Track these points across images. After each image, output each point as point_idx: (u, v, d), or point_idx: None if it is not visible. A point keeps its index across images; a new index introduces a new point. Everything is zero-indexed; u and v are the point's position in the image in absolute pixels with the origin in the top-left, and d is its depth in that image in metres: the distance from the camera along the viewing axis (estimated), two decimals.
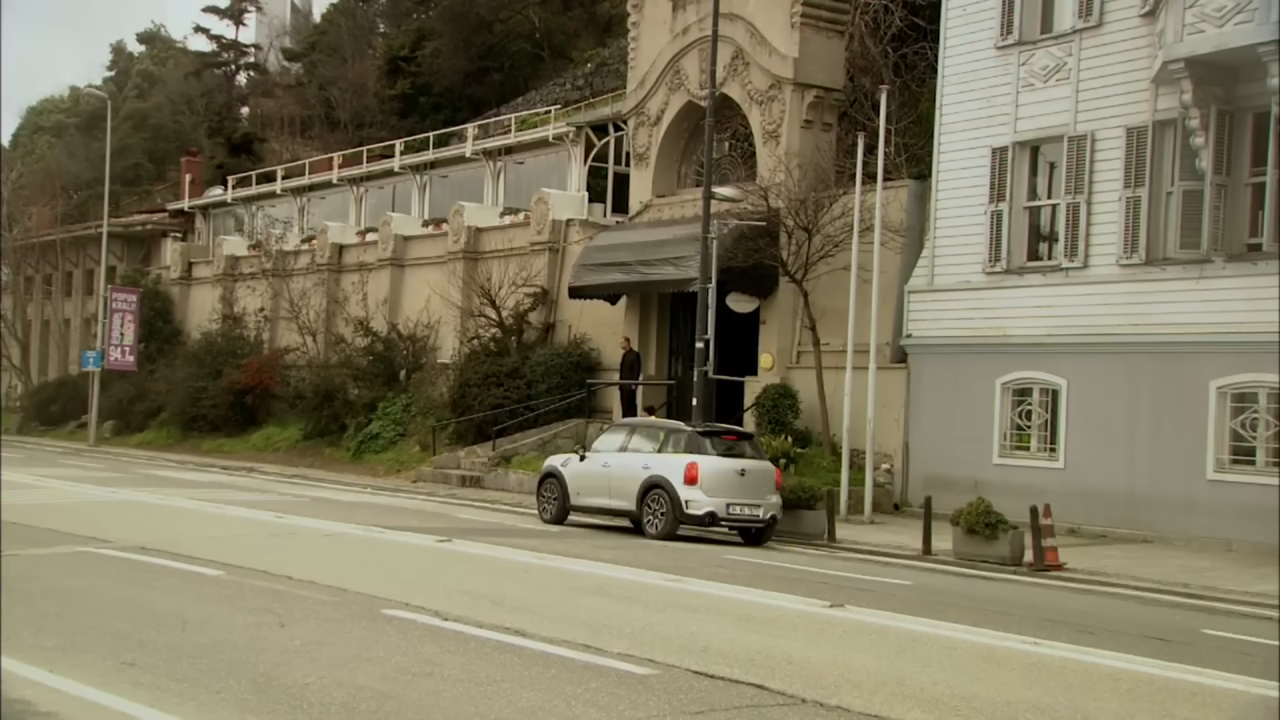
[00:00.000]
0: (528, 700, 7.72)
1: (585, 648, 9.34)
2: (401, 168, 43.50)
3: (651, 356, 30.59)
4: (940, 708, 8.14)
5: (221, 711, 7.22)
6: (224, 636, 9.36)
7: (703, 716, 7.60)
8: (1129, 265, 21.68)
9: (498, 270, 33.99)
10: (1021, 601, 14.47)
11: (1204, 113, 20.05)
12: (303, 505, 22.21)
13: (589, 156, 36.75)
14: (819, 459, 25.21)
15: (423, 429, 33.06)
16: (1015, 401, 23.42)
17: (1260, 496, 19.48)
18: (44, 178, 62.34)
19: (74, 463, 33.27)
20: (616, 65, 44.07)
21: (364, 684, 7.93)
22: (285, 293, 40.85)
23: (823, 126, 28.13)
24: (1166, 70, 20.34)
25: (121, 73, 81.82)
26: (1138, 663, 10.25)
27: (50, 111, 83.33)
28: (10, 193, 57.89)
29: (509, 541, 17.22)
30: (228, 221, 51.72)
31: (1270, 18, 18.88)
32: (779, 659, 9.39)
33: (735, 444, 20.50)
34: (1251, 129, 20.31)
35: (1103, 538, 21.16)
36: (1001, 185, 23.59)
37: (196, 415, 40.58)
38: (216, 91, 70.88)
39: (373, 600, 11.22)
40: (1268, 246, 19.96)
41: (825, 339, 25.46)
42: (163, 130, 70.31)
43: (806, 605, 12.43)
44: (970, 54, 24.27)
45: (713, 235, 24.33)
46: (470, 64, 55.19)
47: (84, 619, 9.87)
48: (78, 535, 15.53)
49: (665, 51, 30.43)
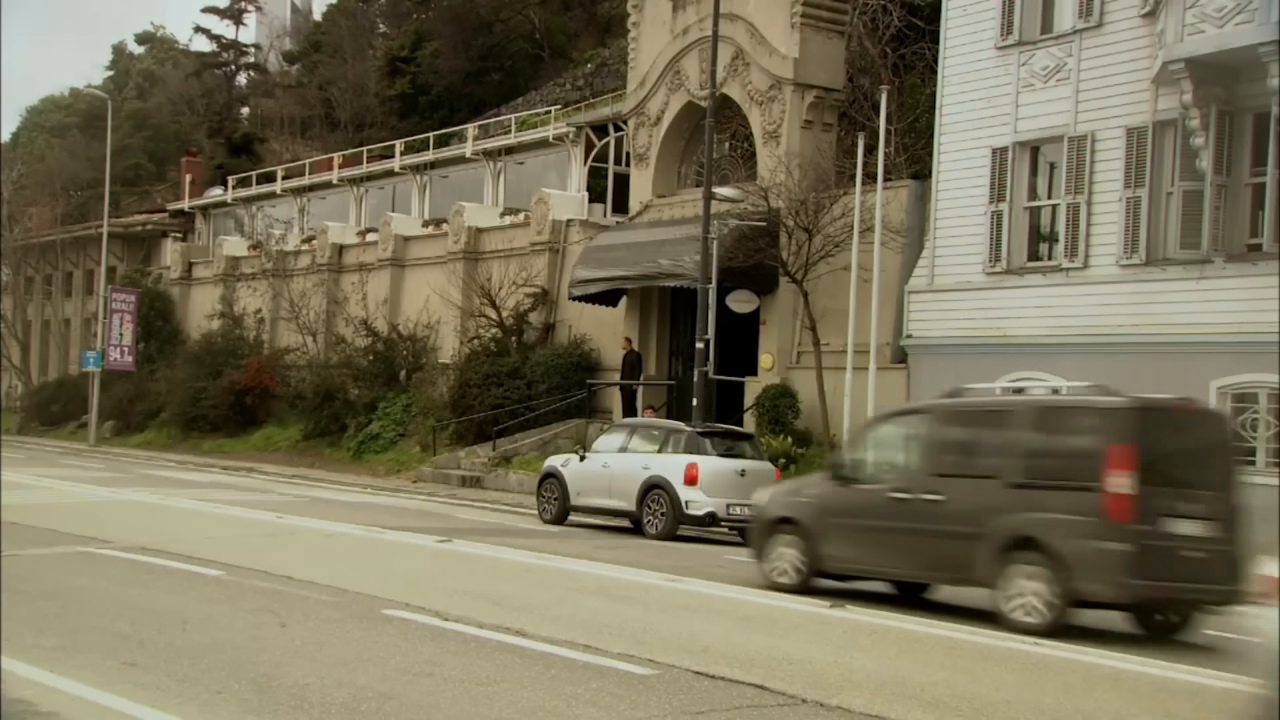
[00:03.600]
0: (528, 700, 7.72)
1: (586, 648, 9.34)
2: (401, 168, 43.50)
3: (652, 357, 30.59)
4: (941, 708, 8.14)
5: (222, 711, 7.22)
6: (224, 636, 9.36)
7: (703, 717, 7.60)
8: (1129, 265, 21.67)
9: (498, 270, 33.98)
10: None
11: (1204, 113, 20.04)
12: (303, 505, 22.20)
13: (589, 157, 36.74)
14: (819, 459, 25.19)
15: (423, 429, 33.06)
16: None
17: (1260, 496, 19.42)
18: (44, 177, 62.32)
19: (74, 463, 33.26)
20: (616, 65, 44.06)
21: (364, 684, 7.92)
22: (285, 293, 40.85)
23: (823, 127, 28.14)
24: (1167, 70, 20.34)
25: (121, 73, 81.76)
26: (1138, 663, 10.25)
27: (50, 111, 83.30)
28: (10, 193, 57.87)
29: (509, 541, 17.22)
30: (228, 222, 51.70)
31: (1270, 18, 18.88)
32: (779, 659, 9.39)
33: (735, 444, 20.52)
34: (1252, 129, 20.31)
35: None
36: (1002, 185, 23.58)
37: (196, 415, 40.58)
38: (216, 92, 70.86)
39: (373, 600, 11.21)
40: (1268, 247, 19.95)
41: (825, 339, 25.45)
42: (163, 130, 70.30)
43: (807, 605, 12.42)
44: (970, 54, 24.26)
45: (713, 235, 24.34)
46: (470, 64, 55.19)
47: (84, 619, 9.86)
48: (78, 535, 15.52)
49: (665, 52, 30.43)
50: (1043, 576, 11.61)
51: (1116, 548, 11.37)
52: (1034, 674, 9.54)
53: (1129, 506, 11.37)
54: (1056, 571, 11.55)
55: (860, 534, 13.30)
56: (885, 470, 13.66)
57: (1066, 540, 11.57)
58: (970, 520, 12.19)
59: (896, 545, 12.94)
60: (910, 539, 12.74)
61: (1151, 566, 11.46)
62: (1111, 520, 11.38)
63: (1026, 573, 11.71)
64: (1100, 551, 11.43)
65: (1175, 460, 12.12)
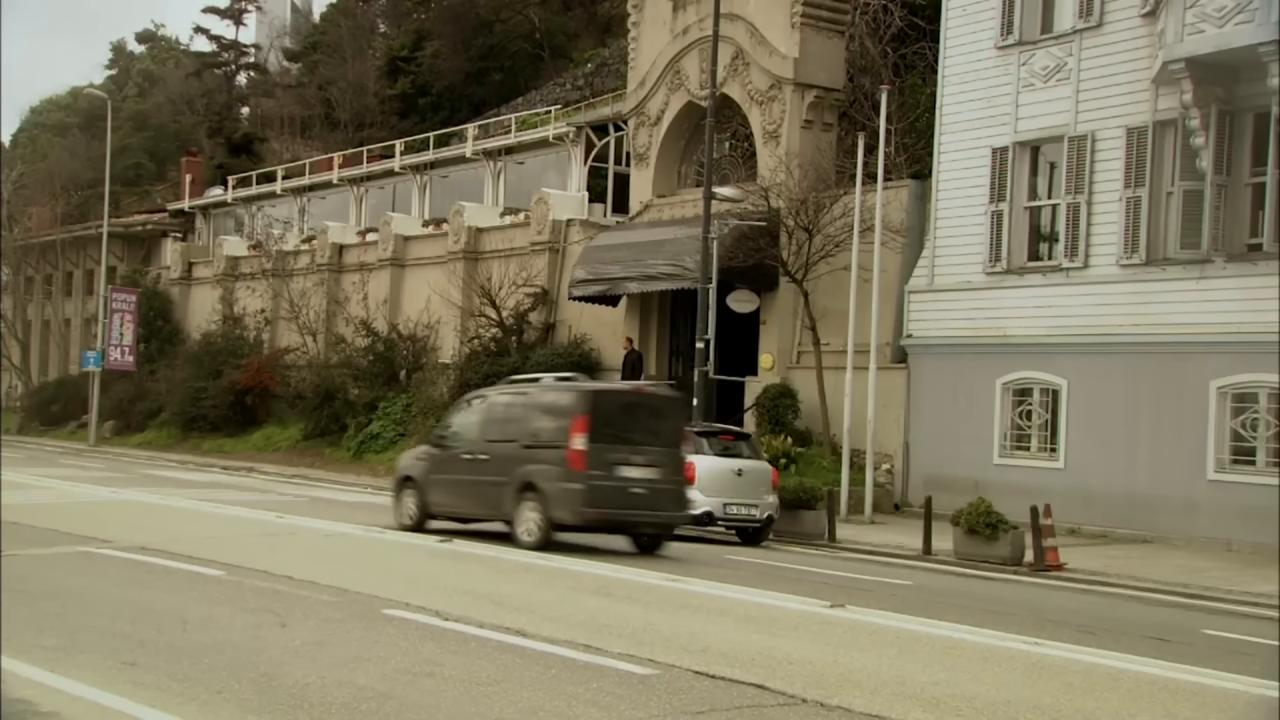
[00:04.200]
0: (529, 700, 7.72)
1: (586, 648, 9.34)
2: (401, 168, 43.50)
3: (652, 356, 30.59)
4: (941, 708, 8.14)
5: (222, 711, 7.22)
6: (225, 636, 9.36)
7: (704, 716, 7.60)
8: (1129, 265, 21.68)
9: (498, 270, 33.99)
10: (1022, 601, 14.47)
11: (1204, 113, 20.05)
12: (303, 505, 22.19)
13: (589, 156, 36.74)
14: (819, 459, 25.21)
15: (423, 429, 33.00)
16: (1016, 402, 23.42)
17: (1260, 496, 19.48)
18: (44, 177, 62.34)
19: (74, 463, 33.25)
20: (616, 65, 44.06)
21: (365, 684, 7.92)
22: (285, 293, 40.85)
23: (823, 126, 28.14)
24: (1167, 70, 20.35)
25: (122, 72, 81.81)
26: (1138, 663, 10.25)
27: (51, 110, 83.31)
28: (10, 193, 57.86)
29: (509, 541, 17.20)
30: (228, 222, 51.72)
31: (1270, 18, 18.89)
32: (780, 659, 9.39)
33: (732, 444, 20.50)
34: (1252, 129, 20.32)
35: (1103, 538, 21.17)
36: (1002, 185, 23.59)
37: (196, 415, 40.57)
38: (216, 91, 70.88)
39: (373, 600, 11.21)
40: (1268, 246, 19.96)
41: (825, 339, 25.46)
42: (163, 130, 70.28)
43: (807, 605, 12.42)
44: (970, 54, 24.28)
45: (713, 235, 24.34)
46: (470, 64, 55.19)
47: (85, 619, 9.86)
48: (78, 535, 15.52)
49: (665, 52, 30.43)
50: (537, 509, 15.97)
51: (576, 487, 15.76)
52: (1034, 674, 9.54)
53: (582, 458, 15.80)
54: (543, 505, 15.94)
55: (446, 485, 17.62)
56: (460, 438, 17.90)
57: (549, 483, 15.96)
58: (502, 472, 16.50)
59: (465, 492, 17.28)
60: (472, 488, 17.12)
61: (602, 499, 15.79)
62: (572, 469, 15.78)
63: (529, 507, 16.07)
64: (566, 490, 15.79)
65: (629, 427, 16.53)
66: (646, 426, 16.74)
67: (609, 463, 15.93)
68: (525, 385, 18.04)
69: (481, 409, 17.96)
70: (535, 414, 16.70)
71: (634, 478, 16.16)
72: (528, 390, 17.59)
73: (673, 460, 16.76)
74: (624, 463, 16.11)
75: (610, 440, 16.00)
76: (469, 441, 17.52)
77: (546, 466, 15.94)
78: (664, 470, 16.46)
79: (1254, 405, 20.13)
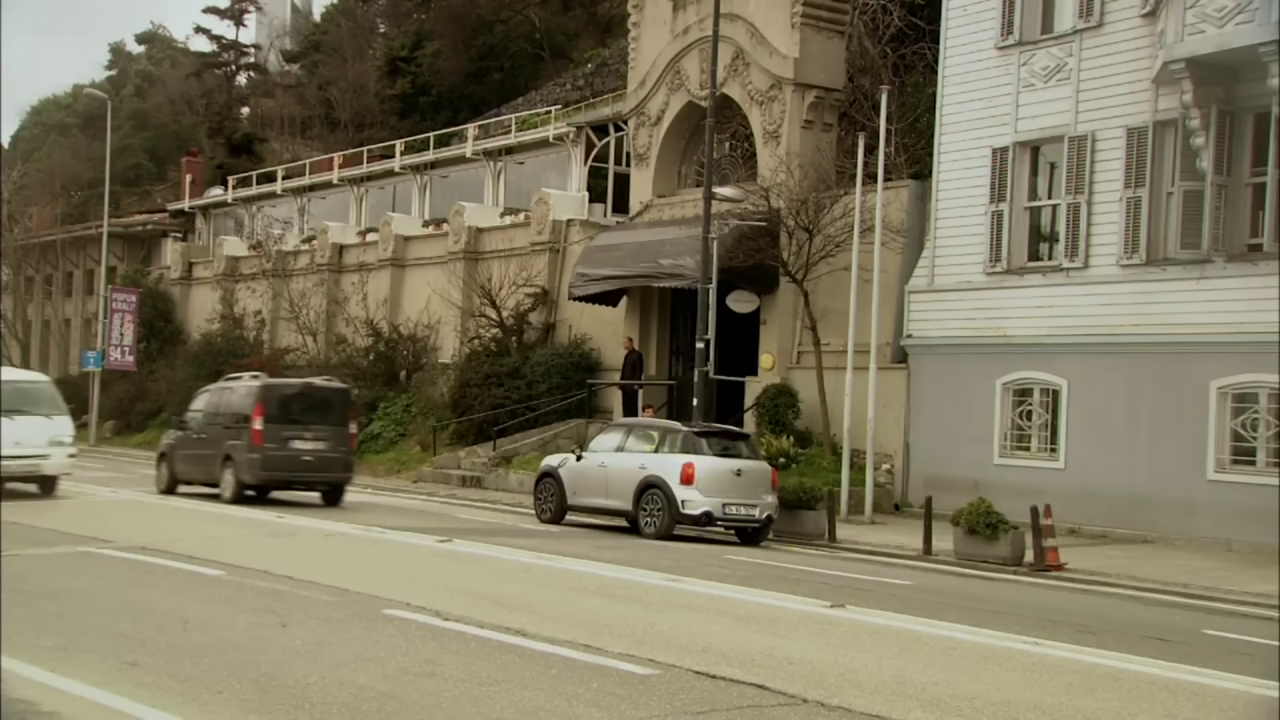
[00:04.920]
0: (529, 700, 7.72)
1: (586, 648, 9.35)
2: (402, 168, 43.50)
3: (652, 356, 30.60)
4: (941, 708, 8.14)
5: (223, 711, 7.23)
6: (225, 636, 9.37)
7: (704, 716, 7.61)
8: (1129, 265, 21.68)
9: (498, 270, 34.00)
10: (1022, 601, 14.47)
11: (1204, 113, 20.05)
12: (303, 505, 22.20)
13: (589, 157, 36.75)
14: (819, 459, 25.21)
15: (423, 429, 33.07)
16: (1016, 402, 23.42)
17: (1260, 496, 19.49)
18: (45, 177, 62.33)
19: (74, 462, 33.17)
20: (617, 65, 44.07)
21: (365, 684, 7.93)
22: (285, 293, 40.85)
23: (823, 127, 28.14)
24: (1167, 70, 20.35)
25: (122, 72, 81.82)
26: (1138, 663, 10.26)
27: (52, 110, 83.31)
28: (11, 193, 57.86)
29: (509, 541, 17.22)
30: (228, 222, 51.71)
31: (1270, 18, 18.89)
32: (780, 659, 9.40)
33: (731, 444, 20.48)
34: (1252, 129, 20.32)
35: (1103, 538, 21.17)
36: (1002, 185, 23.59)
37: None
38: (216, 92, 70.88)
39: (374, 600, 11.22)
40: (1268, 247, 19.96)
41: (826, 339, 25.46)
42: (163, 130, 70.31)
43: (807, 605, 12.43)
44: (971, 54, 24.28)
45: (713, 235, 24.33)
46: (470, 64, 55.19)
47: (85, 619, 9.87)
48: (78, 535, 15.54)
49: (665, 52, 30.43)
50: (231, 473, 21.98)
51: (254, 456, 21.58)
52: (1034, 674, 9.55)
53: (259, 435, 21.52)
54: (235, 470, 21.88)
55: (184, 458, 23.39)
56: (191, 422, 23.70)
57: (239, 454, 21.81)
58: (214, 447, 22.44)
59: (194, 463, 23.04)
60: (199, 460, 22.86)
61: (275, 465, 21.68)
62: (253, 443, 21.56)
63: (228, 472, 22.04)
64: (249, 459, 21.64)
65: (302, 412, 22.29)
66: (316, 410, 22.40)
67: (283, 438, 21.63)
68: (229, 381, 24.01)
69: (204, 400, 23.87)
70: (234, 401, 22.63)
71: (303, 449, 21.88)
72: (230, 385, 23.53)
73: (338, 435, 22.32)
74: (295, 438, 21.78)
75: (283, 421, 21.74)
76: (196, 425, 23.34)
77: (238, 442, 21.73)
78: (330, 443, 22.12)
79: (1254, 405, 20.13)
